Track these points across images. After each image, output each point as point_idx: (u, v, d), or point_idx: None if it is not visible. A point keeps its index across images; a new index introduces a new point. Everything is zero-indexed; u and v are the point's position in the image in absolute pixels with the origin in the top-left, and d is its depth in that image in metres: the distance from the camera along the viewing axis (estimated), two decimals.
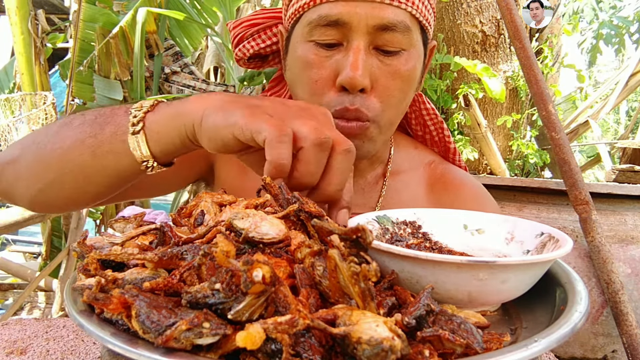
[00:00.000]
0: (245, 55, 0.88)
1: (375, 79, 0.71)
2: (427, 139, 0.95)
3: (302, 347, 0.34)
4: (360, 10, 0.68)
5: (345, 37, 0.70)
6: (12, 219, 2.30)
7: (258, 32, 0.86)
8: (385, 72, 0.71)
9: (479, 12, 2.12)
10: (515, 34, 1.48)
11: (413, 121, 0.94)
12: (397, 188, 0.88)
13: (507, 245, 0.60)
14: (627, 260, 1.59)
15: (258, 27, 0.86)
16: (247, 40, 0.87)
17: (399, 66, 0.72)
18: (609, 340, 1.58)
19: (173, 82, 3.26)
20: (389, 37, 0.70)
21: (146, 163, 0.61)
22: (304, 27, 0.72)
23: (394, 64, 0.71)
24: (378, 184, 0.88)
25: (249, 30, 0.87)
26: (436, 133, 0.93)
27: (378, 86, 0.71)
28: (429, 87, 2.08)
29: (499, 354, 0.36)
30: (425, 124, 0.93)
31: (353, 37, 0.69)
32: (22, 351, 0.73)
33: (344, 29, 0.69)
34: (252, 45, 0.87)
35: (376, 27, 0.69)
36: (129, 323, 0.36)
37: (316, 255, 0.43)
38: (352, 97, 0.70)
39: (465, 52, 2.16)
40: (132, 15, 2.98)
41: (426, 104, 0.91)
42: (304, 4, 0.71)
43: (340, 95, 0.71)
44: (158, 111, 0.60)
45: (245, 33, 0.87)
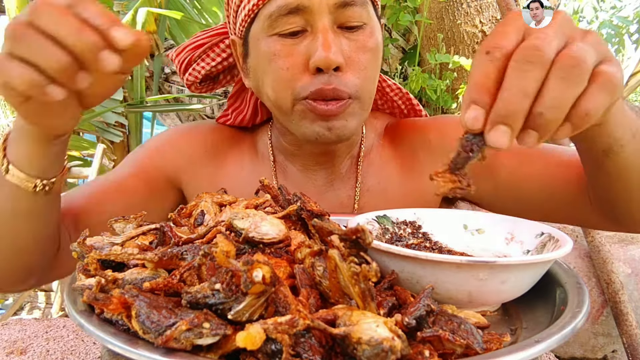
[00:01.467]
0: (197, 78, 0.87)
1: (347, 56, 0.71)
2: (396, 113, 0.95)
3: (302, 347, 0.34)
4: None
5: (308, 22, 0.70)
6: None
7: (205, 52, 0.86)
8: (354, 48, 0.72)
9: (479, 12, 2.12)
10: None
11: (379, 101, 0.94)
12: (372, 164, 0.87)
13: (507, 245, 0.60)
14: (627, 260, 1.59)
15: (204, 47, 0.86)
16: (195, 62, 0.86)
17: (365, 40, 0.73)
18: (609, 340, 1.58)
19: (173, 82, 3.26)
20: (350, 12, 0.71)
21: (33, 184, 0.60)
22: (264, 22, 0.72)
23: (360, 39, 0.73)
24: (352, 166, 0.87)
25: (195, 53, 0.86)
26: (405, 107, 0.94)
27: (351, 62, 0.72)
28: (429, 87, 2.08)
29: (499, 354, 0.36)
30: (392, 99, 0.93)
31: (316, 20, 0.70)
32: (22, 351, 0.73)
33: (305, 14, 0.70)
34: (203, 66, 0.86)
35: (336, 4, 0.70)
36: (129, 323, 0.36)
37: (316, 255, 0.43)
38: (328, 77, 0.70)
39: (465, 52, 2.16)
40: (132, 15, 2.98)
41: (387, 81, 0.91)
42: (258, 1, 0.71)
43: (314, 77, 0.70)
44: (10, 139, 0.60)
45: (192, 56, 0.86)
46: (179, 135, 0.92)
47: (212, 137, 0.91)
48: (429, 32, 2.25)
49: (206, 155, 0.89)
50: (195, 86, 0.89)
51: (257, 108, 0.92)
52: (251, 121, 0.92)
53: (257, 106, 0.91)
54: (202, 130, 0.92)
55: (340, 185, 0.87)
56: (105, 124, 3.30)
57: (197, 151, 0.89)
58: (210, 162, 0.89)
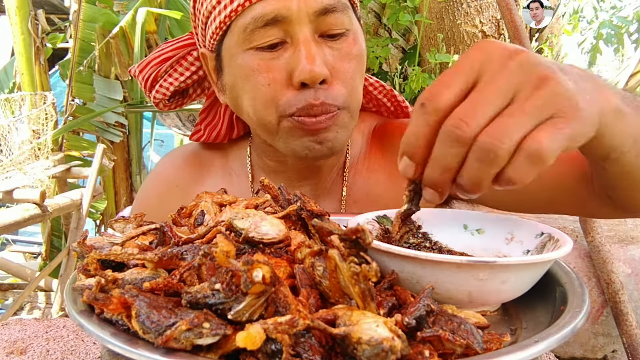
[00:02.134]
0: (166, 95, 0.81)
1: (332, 66, 0.67)
2: (382, 111, 0.90)
3: (302, 347, 0.34)
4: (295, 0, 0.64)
5: (288, 33, 0.65)
6: (12, 219, 2.30)
7: (172, 66, 0.80)
8: (338, 57, 0.68)
9: (479, 12, 2.12)
10: (515, 34, 1.48)
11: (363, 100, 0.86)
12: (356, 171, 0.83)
13: (507, 245, 0.60)
14: (627, 260, 1.59)
15: (170, 61, 0.80)
16: (162, 78, 0.80)
17: (349, 48, 0.68)
18: (609, 340, 1.58)
19: None
20: (332, 19, 0.66)
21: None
22: (239, 35, 0.67)
23: (344, 47, 0.68)
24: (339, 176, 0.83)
25: (161, 67, 0.80)
26: (390, 104, 0.88)
27: (336, 73, 0.67)
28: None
29: (499, 354, 0.36)
30: (376, 98, 0.88)
31: (296, 30, 0.65)
32: (22, 351, 0.73)
33: (284, 24, 0.65)
34: (171, 82, 0.80)
35: (317, 12, 0.65)
36: (129, 323, 0.36)
37: (316, 255, 0.43)
38: (314, 92, 0.65)
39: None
40: (132, 15, 2.98)
41: (369, 79, 0.86)
42: (231, 12, 0.66)
43: (300, 93, 0.66)
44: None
45: (158, 71, 0.80)
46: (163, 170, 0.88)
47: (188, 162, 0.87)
48: (429, 32, 2.25)
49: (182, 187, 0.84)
50: (164, 103, 0.83)
51: (232, 122, 0.86)
52: (227, 136, 0.87)
53: (233, 120, 0.86)
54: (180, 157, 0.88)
55: (326, 198, 0.82)
56: (105, 124, 3.31)
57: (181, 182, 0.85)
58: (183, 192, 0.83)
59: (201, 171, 0.86)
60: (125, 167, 3.57)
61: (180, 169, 0.87)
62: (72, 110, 3.21)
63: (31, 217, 2.40)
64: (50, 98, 3.12)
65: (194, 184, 0.84)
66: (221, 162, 0.87)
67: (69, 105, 3.23)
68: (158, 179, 0.89)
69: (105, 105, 3.17)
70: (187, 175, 0.86)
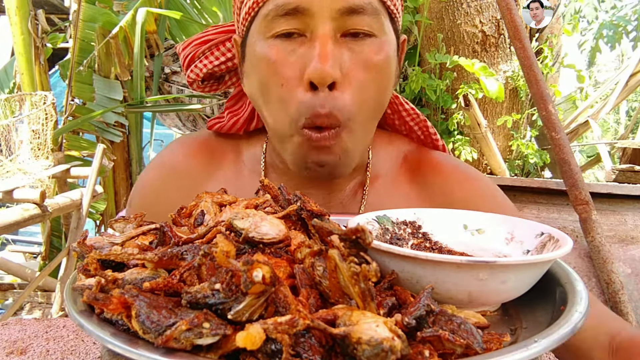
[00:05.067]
0: (199, 76, 0.80)
1: (346, 70, 0.63)
2: (413, 137, 0.87)
3: (302, 347, 0.34)
4: None
5: (308, 26, 0.62)
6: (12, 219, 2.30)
7: (210, 49, 0.79)
8: (356, 61, 0.64)
9: (479, 12, 2.12)
10: (515, 34, 1.48)
11: (397, 122, 0.86)
12: (378, 193, 0.80)
13: (507, 245, 0.60)
14: (627, 260, 1.59)
15: (210, 43, 0.79)
16: (198, 59, 0.79)
17: (371, 54, 0.64)
18: None
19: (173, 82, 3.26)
20: (357, 20, 0.62)
21: None
22: (261, 23, 0.65)
23: (365, 51, 0.64)
24: (357, 194, 0.79)
25: (199, 49, 0.79)
26: (421, 132, 0.86)
27: (350, 79, 0.64)
28: (429, 87, 2.08)
29: (499, 354, 0.36)
30: (408, 124, 0.85)
31: (317, 25, 0.62)
32: (22, 351, 0.73)
33: (305, 16, 0.62)
34: (205, 63, 0.79)
35: (341, 10, 0.62)
36: (129, 323, 0.36)
37: (316, 255, 0.43)
38: (323, 97, 0.62)
39: (465, 52, 2.16)
40: (132, 15, 2.98)
41: (404, 104, 0.83)
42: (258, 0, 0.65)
43: (309, 96, 0.63)
44: None
45: (196, 52, 0.79)
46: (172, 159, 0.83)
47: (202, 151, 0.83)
48: (429, 32, 2.25)
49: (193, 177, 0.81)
50: (197, 84, 0.82)
51: (253, 114, 0.84)
52: (243, 127, 0.84)
53: (255, 112, 0.83)
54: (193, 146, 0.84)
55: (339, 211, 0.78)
56: (105, 124, 3.31)
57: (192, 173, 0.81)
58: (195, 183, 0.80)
59: (213, 162, 0.82)
60: (125, 167, 3.57)
61: (191, 158, 0.82)
62: (72, 110, 3.21)
63: (31, 217, 2.40)
64: (50, 98, 3.12)
65: (205, 175, 0.81)
66: (234, 155, 0.83)
67: (69, 105, 3.23)
68: (165, 166, 0.83)
69: (105, 105, 3.17)
70: (198, 166, 0.81)
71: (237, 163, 0.83)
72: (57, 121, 3.18)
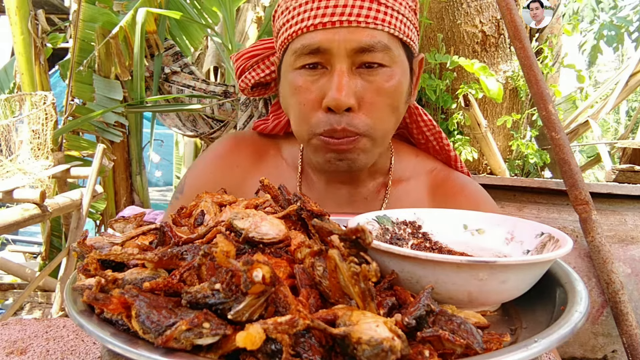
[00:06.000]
0: (248, 85, 0.93)
1: (361, 97, 0.75)
2: (429, 147, 0.98)
3: (302, 347, 0.34)
4: (338, 37, 0.73)
5: (329, 61, 0.74)
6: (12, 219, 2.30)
7: (257, 63, 0.92)
8: (369, 89, 0.75)
9: (479, 12, 2.12)
10: (515, 34, 1.48)
11: (415, 131, 0.97)
12: (399, 196, 0.91)
13: (507, 245, 0.60)
14: (627, 260, 1.59)
15: (257, 57, 0.92)
16: (247, 71, 0.93)
17: (382, 82, 0.75)
18: (609, 340, 1.58)
19: (173, 82, 3.26)
20: (369, 56, 0.74)
21: None
22: (291, 57, 0.78)
23: (377, 80, 0.75)
24: (380, 192, 0.91)
25: (249, 62, 0.92)
26: (436, 143, 0.96)
27: (364, 103, 0.75)
28: (429, 87, 2.08)
29: (499, 354, 0.36)
30: (425, 134, 0.96)
31: (335, 62, 0.74)
32: (22, 351, 0.73)
33: (325, 55, 0.74)
34: (253, 75, 0.92)
35: (355, 50, 0.73)
36: (129, 323, 0.36)
37: (316, 255, 0.43)
38: (339, 117, 0.74)
39: (465, 52, 2.16)
40: (132, 15, 2.98)
41: (422, 116, 0.94)
42: (288, 36, 0.77)
43: (327, 115, 0.75)
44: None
45: (246, 64, 0.93)
46: (226, 150, 0.97)
47: (252, 148, 0.96)
48: (429, 32, 2.25)
49: (242, 168, 0.94)
50: (247, 91, 0.96)
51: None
52: (284, 129, 0.97)
53: None
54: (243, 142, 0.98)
55: (362, 207, 0.89)
56: (105, 124, 3.31)
57: (241, 163, 0.95)
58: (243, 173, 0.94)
59: (257, 157, 0.95)
60: (125, 167, 3.57)
61: (241, 151, 0.96)
62: (72, 110, 3.21)
63: (31, 217, 2.40)
64: (50, 98, 3.12)
65: (251, 167, 0.94)
66: (275, 152, 0.97)
67: (69, 105, 3.23)
68: (219, 156, 0.96)
69: (105, 105, 3.17)
70: (246, 158, 0.95)
71: (277, 158, 0.96)
72: (57, 121, 3.18)
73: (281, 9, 0.79)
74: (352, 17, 0.72)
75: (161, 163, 7.04)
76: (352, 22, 0.72)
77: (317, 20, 0.73)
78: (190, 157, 4.94)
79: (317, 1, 0.73)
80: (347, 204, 0.90)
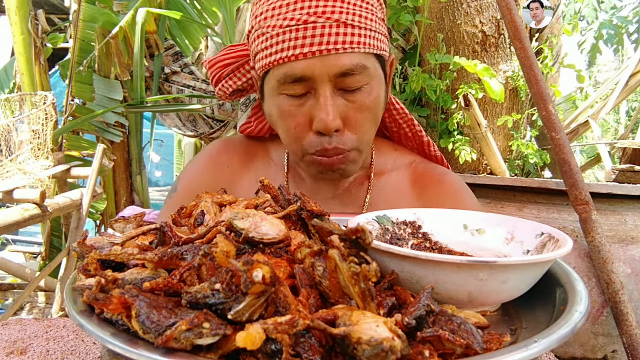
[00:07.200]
0: (226, 93, 0.98)
1: (345, 116, 0.79)
2: (402, 134, 1.03)
3: (302, 347, 0.34)
4: (320, 63, 0.76)
5: (312, 87, 0.78)
6: (12, 219, 2.30)
7: (233, 72, 0.96)
8: (352, 108, 0.80)
9: (479, 12, 2.12)
10: (515, 34, 1.48)
11: (387, 119, 1.01)
12: (382, 187, 0.96)
13: (507, 245, 0.60)
14: (627, 260, 1.59)
15: (231, 66, 0.96)
16: (224, 79, 0.97)
17: (364, 100, 0.80)
18: (609, 340, 1.58)
19: (173, 82, 3.26)
20: (349, 80, 0.78)
21: None
22: (274, 82, 0.80)
23: (358, 99, 0.80)
24: (364, 184, 0.96)
25: (224, 71, 0.96)
26: (409, 130, 1.01)
27: (349, 122, 0.80)
28: (429, 87, 2.08)
29: (499, 354, 0.36)
30: (398, 122, 1.01)
31: (319, 87, 0.77)
32: (22, 351, 0.73)
33: (309, 82, 0.77)
34: (230, 84, 0.96)
35: (337, 74, 0.77)
36: (129, 323, 0.36)
37: (316, 255, 0.43)
38: (329, 138, 0.79)
39: (465, 52, 2.16)
40: (132, 15, 2.98)
41: (395, 104, 0.98)
42: (269, 63, 0.79)
43: (317, 137, 0.80)
44: None
45: (222, 73, 0.97)
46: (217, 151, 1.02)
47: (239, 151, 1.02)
48: (429, 32, 2.25)
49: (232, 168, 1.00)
50: (225, 97, 1.00)
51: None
52: (269, 131, 1.01)
53: None
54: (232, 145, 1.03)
55: (347, 198, 0.95)
56: (105, 124, 3.31)
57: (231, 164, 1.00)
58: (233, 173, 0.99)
59: (247, 158, 1.02)
60: (125, 167, 3.57)
61: (232, 153, 1.02)
62: (72, 110, 3.21)
63: (31, 217, 2.40)
64: (50, 98, 3.11)
65: (241, 168, 1.00)
66: (263, 153, 1.02)
67: (69, 105, 3.23)
68: (210, 157, 1.02)
69: (105, 105, 3.17)
70: (236, 160, 1.01)
71: (265, 159, 1.02)
72: (57, 121, 3.17)
73: (257, 33, 0.81)
74: (330, 45, 0.76)
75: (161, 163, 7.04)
76: (331, 50, 0.76)
77: (297, 50, 0.76)
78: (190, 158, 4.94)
79: (294, 31, 0.76)
80: (333, 197, 0.95)
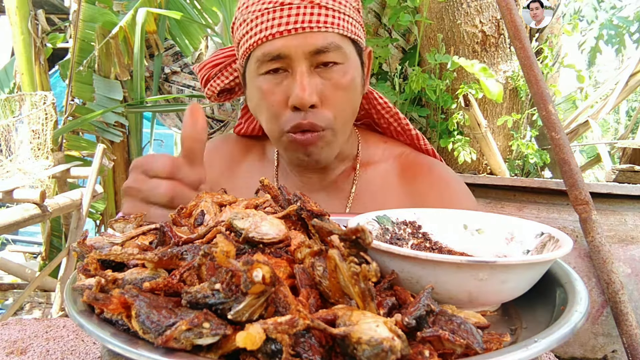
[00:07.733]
0: (214, 92, 1.02)
1: (322, 93, 0.82)
2: (392, 130, 1.05)
3: (302, 347, 0.34)
4: (295, 42, 0.80)
5: (289, 65, 0.82)
6: (12, 219, 2.30)
7: (220, 71, 1.00)
8: (328, 85, 0.83)
9: (479, 12, 2.12)
10: (515, 34, 1.48)
11: (375, 115, 1.04)
12: (368, 178, 0.98)
13: (507, 245, 0.60)
14: (627, 260, 1.59)
15: (219, 66, 1.00)
16: (212, 79, 1.01)
17: (339, 79, 0.83)
18: (609, 340, 1.58)
19: (173, 82, 3.26)
20: (324, 57, 0.82)
21: None
22: (254, 64, 0.85)
23: (334, 77, 0.83)
24: (350, 176, 0.99)
25: (212, 71, 1.00)
26: (397, 124, 1.03)
27: (325, 99, 0.83)
28: (429, 87, 2.08)
29: (499, 354, 0.36)
30: (385, 117, 1.03)
31: (295, 65, 0.81)
32: (22, 351, 0.73)
33: (286, 60, 0.81)
34: (218, 83, 1.00)
35: (312, 52, 0.81)
36: (129, 323, 0.36)
37: (316, 255, 0.43)
38: (304, 114, 0.82)
39: (465, 52, 2.16)
40: (132, 15, 2.98)
41: (378, 99, 1.01)
42: (250, 46, 0.84)
43: (293, 114, 0.83)
44: None
45: (210, 73, 1.01)
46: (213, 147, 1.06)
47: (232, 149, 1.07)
48: (429, 32, 2.25)
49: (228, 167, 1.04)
50: (214, 97, 1.04)
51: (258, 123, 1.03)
52: (261, 129, 1.03)
53: None
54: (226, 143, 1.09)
55: (333, 190, 0.98)
56: (105, 124, 3.31)
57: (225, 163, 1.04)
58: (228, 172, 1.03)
59: (243, 151, 1.07)
60: (125, 167, 3.57)
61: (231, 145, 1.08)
62: (72, 110, 3.21)
63: (31, 217, 2.40)
64: (50, 98, 3.11)
65: (240, 156, 1.06)
66: (256, 149, 1.07)
67: (69, 105, 3.23)
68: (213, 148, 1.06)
69: (105, 105, 3.17)
70: (236, 151, 1.07)
71: (258, 155, 1.07)
72: (57, 121, 3.18)
73: (239, 21, 0.86)
74: (305, 24, 0.80)
75: None
76: (306, 28, 0.80)
77: (275, 29, 0.80)
78: None
79: (272, 12, 0.80)
80: (320, 189, 0.97)
